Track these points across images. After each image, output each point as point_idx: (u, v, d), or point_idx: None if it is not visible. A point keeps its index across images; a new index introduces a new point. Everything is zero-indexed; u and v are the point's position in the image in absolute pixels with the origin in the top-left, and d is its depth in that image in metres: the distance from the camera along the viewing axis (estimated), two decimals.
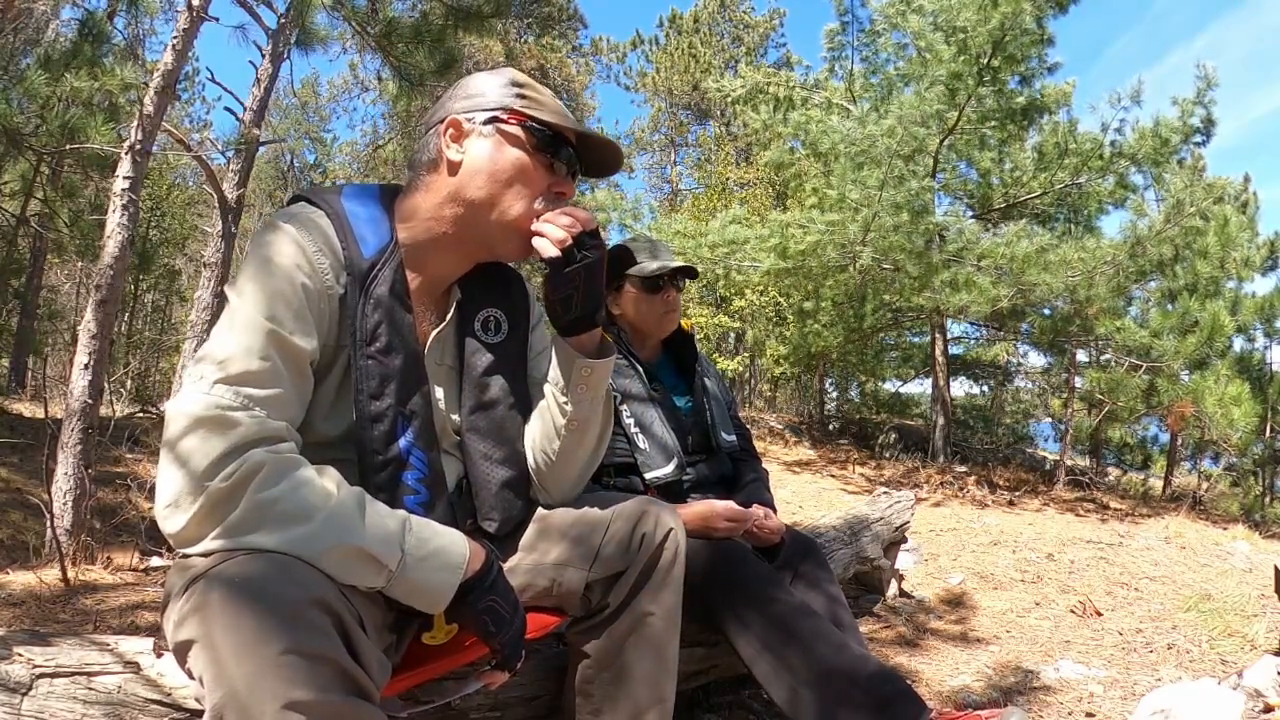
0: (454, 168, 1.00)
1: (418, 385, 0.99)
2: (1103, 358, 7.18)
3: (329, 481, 0.84)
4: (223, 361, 0.85)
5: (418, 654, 1.02)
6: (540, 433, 1.11)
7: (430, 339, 1.04)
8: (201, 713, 0.93)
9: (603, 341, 1.09)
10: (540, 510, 1.15)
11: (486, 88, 1.02)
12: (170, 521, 0.80)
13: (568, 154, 1.03)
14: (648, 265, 1.73)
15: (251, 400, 0.84)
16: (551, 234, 0.97)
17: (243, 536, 0.78)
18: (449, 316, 1.07)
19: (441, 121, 1.01)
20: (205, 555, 0.79)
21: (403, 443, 0.96)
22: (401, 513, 0.88)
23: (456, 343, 1.09)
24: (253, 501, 0.79)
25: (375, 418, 0.95)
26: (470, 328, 1.09)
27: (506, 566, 1.11)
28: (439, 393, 1.05)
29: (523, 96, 1.02)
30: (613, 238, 11.68)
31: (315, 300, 0.92)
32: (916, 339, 9.78)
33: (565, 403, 1.07)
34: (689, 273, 1.78)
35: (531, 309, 1.18)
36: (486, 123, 1.00)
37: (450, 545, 0.89)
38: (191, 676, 0.74)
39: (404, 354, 0.97)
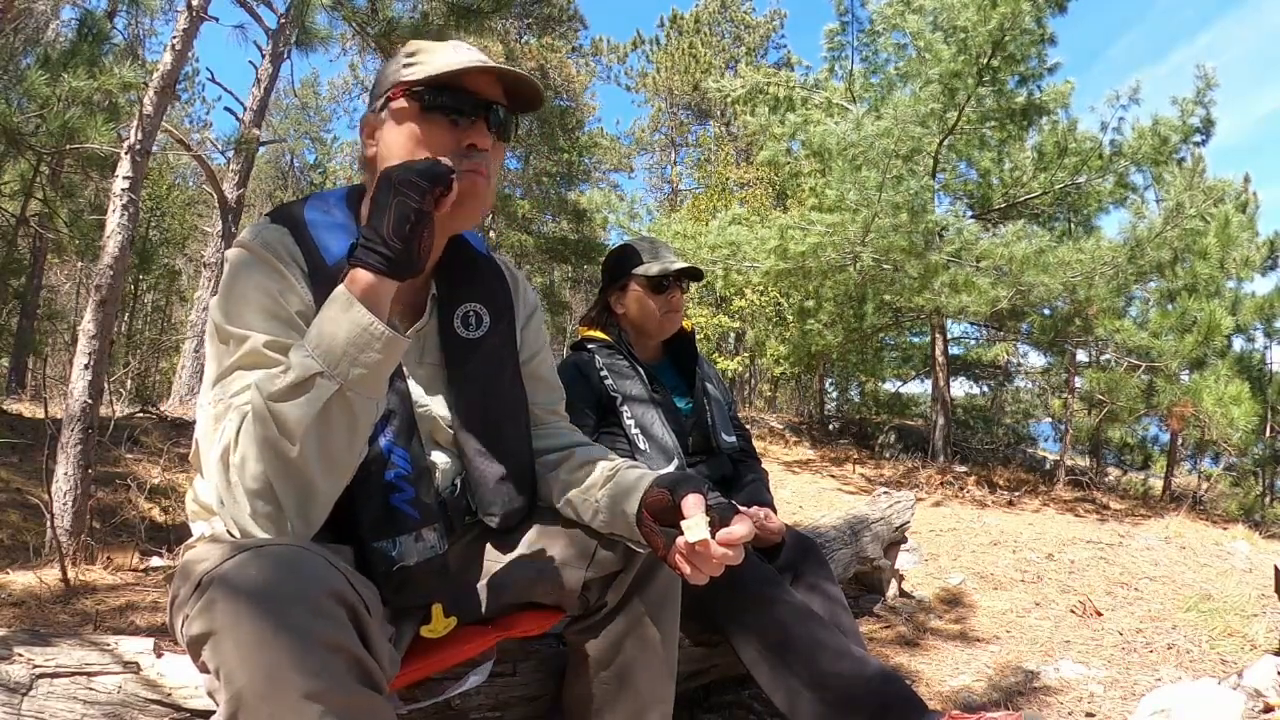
0: (375, 162, 0.99)
1: (391, 381, 0.98)
2: (1103, 358, 7.18)
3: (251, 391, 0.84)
4: (225, 384, 0.87)
5: (417, 650, 1.03)
6: (576, 493, 1.09)
7: (408, 335, 1.04)
8: (203, 713, 0.94)
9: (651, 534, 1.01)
10: (540, 508, 1.15)
11: (385, 72, 1.02)
12: (234, 524, 0.84)
13: (465, 102, 0.95)
14: (653, 266, 1.73)
15: None
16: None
17: (270, 500, 0.82)
18: (426, 314, 1.07)
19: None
20: (216, 547, 0.80)
21: (383, 442, 0.96)
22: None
23: (439, 341, 1.08)
24: (236, 473, 0.82)
25: None
26: (450, 325, 1.08)
27: (505, 563, 1.12)
28: (420, 391, 1.05)
29: (409, 65, 0.99)
30: (612, 238, 11.69)
31: (297, 306, 0.93)
32: (916, 339, 9.79)
33: (606, 525, 1.05)
34: (694, 274, 1.78)
35: (517, 301, 1.17)
36: (383, 107, 0.99)
37: (326, 305, 0.84)
38: (205, 670, 0.74)
39: None
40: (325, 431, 0.81)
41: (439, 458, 1.06)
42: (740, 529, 0.88)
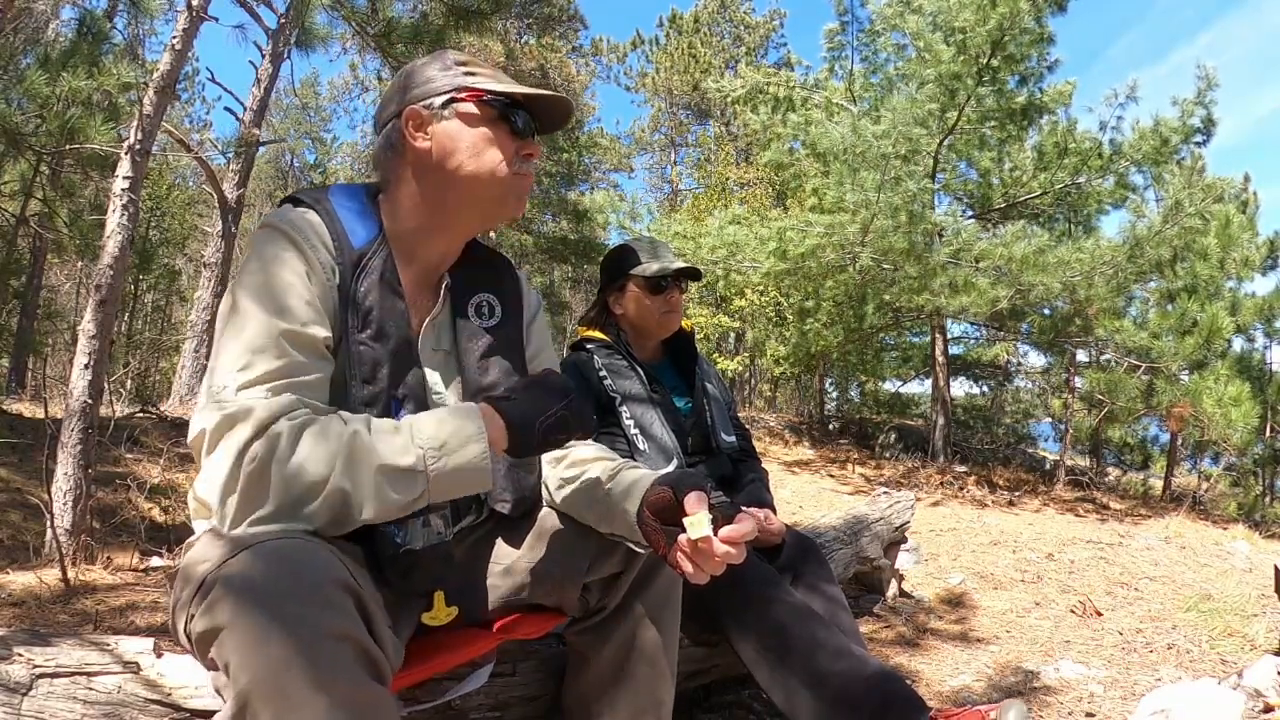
0: (424, 155, 1.02)
1: (409, 368, 1.00)
2: (1103, 358, 7.17)
3: (336, 423, 0.85)
4: (242, 369, 0.85)
5: (420, 651, 1.03)
6: (576, 492, 1.09)
7: (424, 325, 1.06)
8: (203, 713, 0.94)
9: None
10: (543, 509, 1.16)
11: (433, 73, 1.04)
12: (224, 520, 0.81)
13: (525, 117, 1.05)
14: (651, 265, 1.73)
15: (274, 392, 0.85)
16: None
17: (292, 515, 0.81)
18: (440, 302, 1.09)
19: (398, 116, 1.03)
20: (217, 546, 0.79)
21: None
22: (403, 420, 0.90)
23: (450, 329, 1.10)
24: (279, 476, 0.80)
25: (368, 401, 0.96)
26: (463, 313, 1.10)
27: (506, 564, 1.12)
28: (436, 378, 1.07)
29: (470, 73, 1.04)
30: (612, 238, 11.69)
31: (318, 291, 0.93)
32: (916, 339, 9.78)
33: (607, 523, 1.06)
34: (693, 274, 1.78)
35: (524, 297, 1.18)
36: (444, 105, 1.02)
37: (460, 419, 0.90)
38: (213, 667, 0.74)
39: (395, 339, 0.99)
40: (391, 505, 0.86)
41: None
42: (743, 526, 0.88)
